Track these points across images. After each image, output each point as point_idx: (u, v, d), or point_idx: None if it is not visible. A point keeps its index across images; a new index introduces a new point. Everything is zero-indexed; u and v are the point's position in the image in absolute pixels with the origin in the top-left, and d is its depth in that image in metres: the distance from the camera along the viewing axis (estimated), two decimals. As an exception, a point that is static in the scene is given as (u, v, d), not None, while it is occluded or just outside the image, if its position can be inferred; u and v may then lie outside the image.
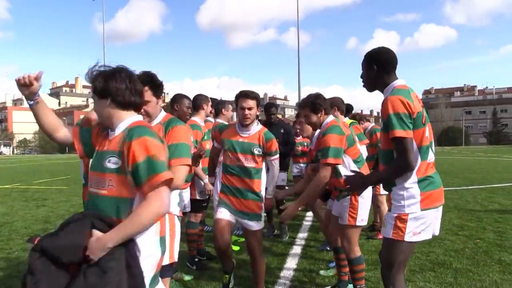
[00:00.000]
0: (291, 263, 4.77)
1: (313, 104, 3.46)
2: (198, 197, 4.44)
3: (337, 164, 3.27)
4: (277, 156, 3.53)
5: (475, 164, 21.45)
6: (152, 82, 2.54)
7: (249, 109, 3.41)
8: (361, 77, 2.65)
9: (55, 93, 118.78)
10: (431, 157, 2.48)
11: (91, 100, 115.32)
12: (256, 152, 3.41)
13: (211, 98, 5.05)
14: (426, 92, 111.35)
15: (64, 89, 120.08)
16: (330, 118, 3.48)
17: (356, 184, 2.54)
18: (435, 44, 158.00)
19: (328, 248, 5.12)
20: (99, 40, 50.24)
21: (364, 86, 2.65)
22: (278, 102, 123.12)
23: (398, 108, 2.33)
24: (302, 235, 6.16)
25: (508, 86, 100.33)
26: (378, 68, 2.51)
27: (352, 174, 2.69)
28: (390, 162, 2.44)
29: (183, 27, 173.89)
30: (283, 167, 5.65)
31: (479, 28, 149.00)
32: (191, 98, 4.41)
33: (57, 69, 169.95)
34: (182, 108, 4.02)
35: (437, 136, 79.77)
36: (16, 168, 25.62)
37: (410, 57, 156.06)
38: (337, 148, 3.23)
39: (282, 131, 5.73)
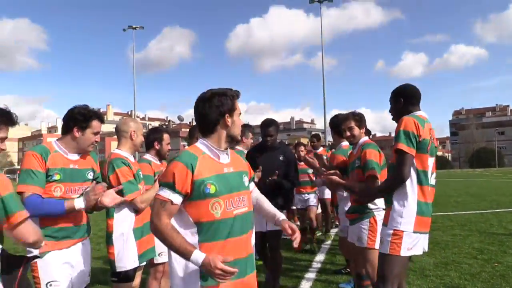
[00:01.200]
0: (306, 285, 4.90)
1: (360, 118, 3.67)
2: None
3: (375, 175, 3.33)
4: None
5: (505, 186, 20.85)
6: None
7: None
8: (390, 111, 2.99)
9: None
10: (432, 183, 2.75)
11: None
12: None
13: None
14: (457, 113, 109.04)
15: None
16: (366, 137, 3.68)
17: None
18: (466, 64, 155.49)
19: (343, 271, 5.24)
20: (131, 69, 52.01)
21: (392, 119, 2.97)
22: (305, 125, 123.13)
23: (408, 126, 2.66)
24: (319, 258, 6.27)
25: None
26: (405, 100, 2.86)
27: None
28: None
29: (212, 54, 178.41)
30: (287, 204, 4.49)
31: (510, 46, 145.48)
32: None
33: (90, 97, 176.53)
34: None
35: (468, 158, 77.51)
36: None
37: (439, 78, 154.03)
38: (377, 163, 3.39)
39: (281, 158, 4.34)
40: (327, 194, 6.98)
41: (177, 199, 1.93)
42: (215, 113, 2.01)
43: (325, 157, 6.78)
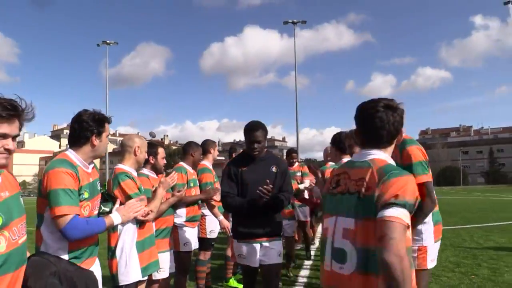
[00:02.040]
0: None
1: None
2: (208, 236, 4.74)
3: None
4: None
5: (472, 203, 21.67)
6: None
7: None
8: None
9: (56, 135, 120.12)
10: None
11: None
12: None
13: (232, 144, 5.52)
14: (423, 133, 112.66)
15: (65, 131, 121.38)
16: None
17: None
18: (431, 86, 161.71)
19: None
20: (103, 84, 51.54)
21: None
22: (277, 143, 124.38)
23: (419, 157, 2.70)
24: (304, 273, 6.37)
25: (503, 126, 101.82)
26: None
27: None
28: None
29: (186, 72, 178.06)
30: (279, 229, 3.58)
31: (474, 70, 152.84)
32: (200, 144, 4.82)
33: (59, 112, 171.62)
34: (197, 155, 4.46)
35: (435, 176, 79.92)
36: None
37: (407, 99, 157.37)
38: None
39: (273, 169, 3.52)
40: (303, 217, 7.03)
41: None
42: None
43: (298, 174, 6.96)
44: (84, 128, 2.49)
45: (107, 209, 2.64)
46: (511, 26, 51.36)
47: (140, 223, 3.10)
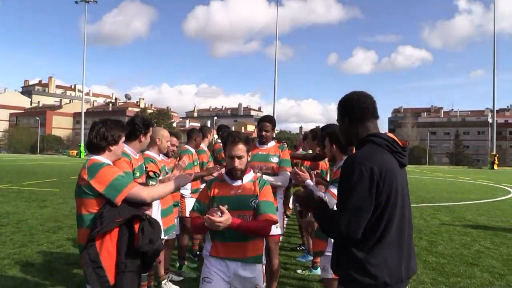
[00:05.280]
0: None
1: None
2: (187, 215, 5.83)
3: None
4: None
5: (430, 183, 23.58)
6: None
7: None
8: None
9: (27, 91, 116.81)
10: None
11: (64, 101, 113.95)
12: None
13: (221, 125, 6.59)
14: (396, 111, 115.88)
15: (36, 87, 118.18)
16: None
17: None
18: (411, 65, 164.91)
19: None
20: (81, 41, 50.72)
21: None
22: (252, 112, 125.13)
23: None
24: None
25: (472, 110, 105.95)
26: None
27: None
28: None
29: (169, 34, 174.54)
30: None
31: (453, 53, 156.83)
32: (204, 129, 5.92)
33: (31, 67, 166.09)
34: (198, 140, 5.54)
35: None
36: (-5, 168, 26.13)
37: (385, 76, 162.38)
38: None
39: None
40: None
41: None
42: None
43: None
44: (136, 129, 3.54)
45: (154, 183, 3.73)
46: (495, 13, 53.09)
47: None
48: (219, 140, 6.72)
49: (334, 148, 3.42)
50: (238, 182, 2.88)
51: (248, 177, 2.92)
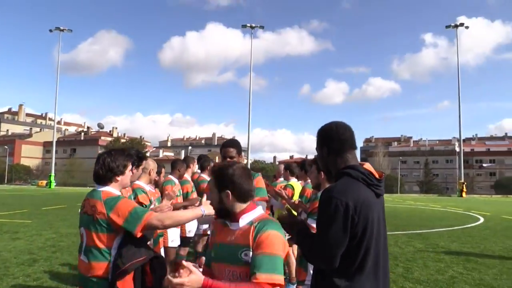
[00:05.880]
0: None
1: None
2: (187, 235, 5.90)
3: None
4: None
5: (403, 211, 24.08)
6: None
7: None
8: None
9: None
10: None
11: (34, 129, 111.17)
12: None
13: (201, 155, 6.70)
14: (367, 141, 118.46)
15: (6, 115, 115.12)
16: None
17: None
18: (381, 96, 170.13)
19: None
20: (54, 70, 50.35)
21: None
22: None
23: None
24: None
25: (440, 139, 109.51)
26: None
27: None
28: None
29: (144, 63, 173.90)
30: None
31: (421, 84, 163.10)
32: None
33: (0, 95, 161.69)
34: (182, 170, 5.65)
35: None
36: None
37: (357, 107, 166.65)
38: None
39: None
40: None
41: None
42: None
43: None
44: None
45: None
46: (458, 46, 56.70)
47: None
48: (199, 171, 6.85)
49: (322, 175, 3.46)
50: (235, 226, 2.14)
51: (248, 218, 2.14)
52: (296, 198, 5.42)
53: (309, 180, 4.32)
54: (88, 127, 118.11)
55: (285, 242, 2.09)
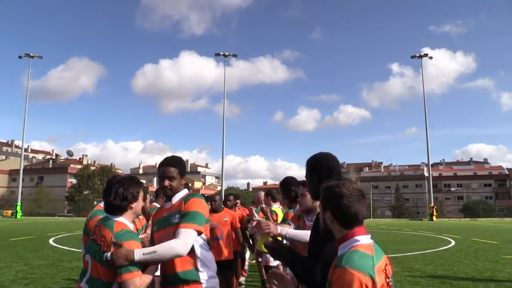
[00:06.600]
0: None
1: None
2: None
3: None
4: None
5: (377, 236, 24.37)
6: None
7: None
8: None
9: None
10: None
11: (0, 157, 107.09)
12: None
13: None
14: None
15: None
16: None
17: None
18: (352, 123, 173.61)
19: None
20: (23, 96, 49.40)
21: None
22: (200, 169, 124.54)
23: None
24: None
25: (409, 164, 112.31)
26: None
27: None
28: None
29: (116, 90, 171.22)
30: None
31: (390, 111, 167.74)
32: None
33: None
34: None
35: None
36: None
37: (328, 134, 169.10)
38: None
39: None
40: None
41: None
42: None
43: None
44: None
45: None
46: (423, 76, 59.51)
47: None
48: None
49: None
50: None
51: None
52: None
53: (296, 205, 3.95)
54: (56, 155, 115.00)
55: None
